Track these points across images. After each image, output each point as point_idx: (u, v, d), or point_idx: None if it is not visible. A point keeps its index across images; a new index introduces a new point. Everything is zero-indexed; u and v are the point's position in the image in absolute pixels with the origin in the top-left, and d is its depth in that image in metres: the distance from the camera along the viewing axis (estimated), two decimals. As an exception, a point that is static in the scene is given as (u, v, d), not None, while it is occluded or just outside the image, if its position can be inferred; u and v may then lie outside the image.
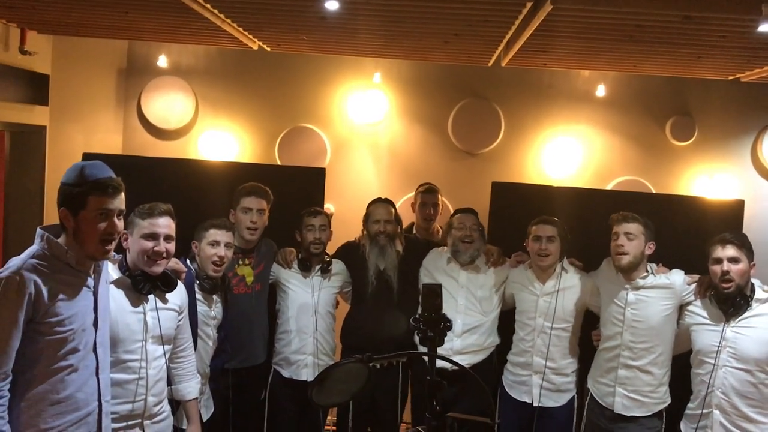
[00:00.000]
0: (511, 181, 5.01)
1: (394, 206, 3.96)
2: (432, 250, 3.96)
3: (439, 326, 1.96)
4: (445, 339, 3.55)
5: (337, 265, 3.91)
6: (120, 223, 2.30)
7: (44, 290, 2.12)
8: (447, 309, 3.57)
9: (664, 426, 3.42)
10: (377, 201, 3.97)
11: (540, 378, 3.60)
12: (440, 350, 1.95)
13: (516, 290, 3.74)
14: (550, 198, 4.15)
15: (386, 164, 5.75)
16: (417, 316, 1.97)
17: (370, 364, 1.91)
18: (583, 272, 3.69)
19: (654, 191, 5.48)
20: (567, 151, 5.62)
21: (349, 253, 3.96)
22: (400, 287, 3.82)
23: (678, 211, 3.98)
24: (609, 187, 5.56)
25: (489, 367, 3.77)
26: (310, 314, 3.75)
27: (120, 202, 2.28)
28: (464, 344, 3.69)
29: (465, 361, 3.60)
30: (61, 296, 2.17)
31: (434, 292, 2.00)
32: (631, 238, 3.36)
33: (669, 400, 3.42)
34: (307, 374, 3.73)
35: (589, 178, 5.64)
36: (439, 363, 1.94)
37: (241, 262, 3.63)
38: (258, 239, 3.70)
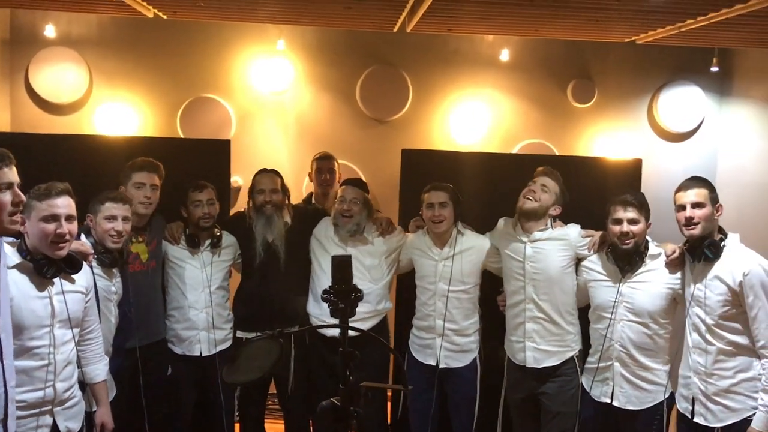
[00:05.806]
0: (420, 148, 5.03)
1: (280, 176, 3.91)
2: (323, 219, 3.94)
3: (350, 297, 1.95)
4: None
5: (228, 238, 3.86)
6: (21, 194, 2.18)
7: None
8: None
9: (580, 370, 3.50)
10: (262, 171, 3.91)
11: (443, 340, 3.67)
12: (329, 319, 1.94)
13: (415, 256, 3.77)
14: (459, 163, 4.19)
15: (294, 134, 5.65)
16: (328, 287, 1.95)
17: (281, 340, 1.88)
18: (479, 234, 3.76)
19: (557, 153, 5.64)
20: (474, 116, 5.68)
21: (237, 224, 3.92)
22: (288, 258, 3.79)
23: (580, 171, 4.09)
24: (515, 150, 5.67)
25: (383, 331, 3.83)
26: (200, 290, 3.70)
27: (14, 174, 2.16)
28: (355, 311, 3.70)
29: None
30: None
31: (344, 263, 1.99)
32: (545, 190, 3.49)
33: (579, 346, 3.54)
34: (200, 350, 3.71)
35: (495, 142, 5.73)
36: (334, 332, 1.93)
37: (134, 240, 3.53)
38: (150, 215, 3.61)
